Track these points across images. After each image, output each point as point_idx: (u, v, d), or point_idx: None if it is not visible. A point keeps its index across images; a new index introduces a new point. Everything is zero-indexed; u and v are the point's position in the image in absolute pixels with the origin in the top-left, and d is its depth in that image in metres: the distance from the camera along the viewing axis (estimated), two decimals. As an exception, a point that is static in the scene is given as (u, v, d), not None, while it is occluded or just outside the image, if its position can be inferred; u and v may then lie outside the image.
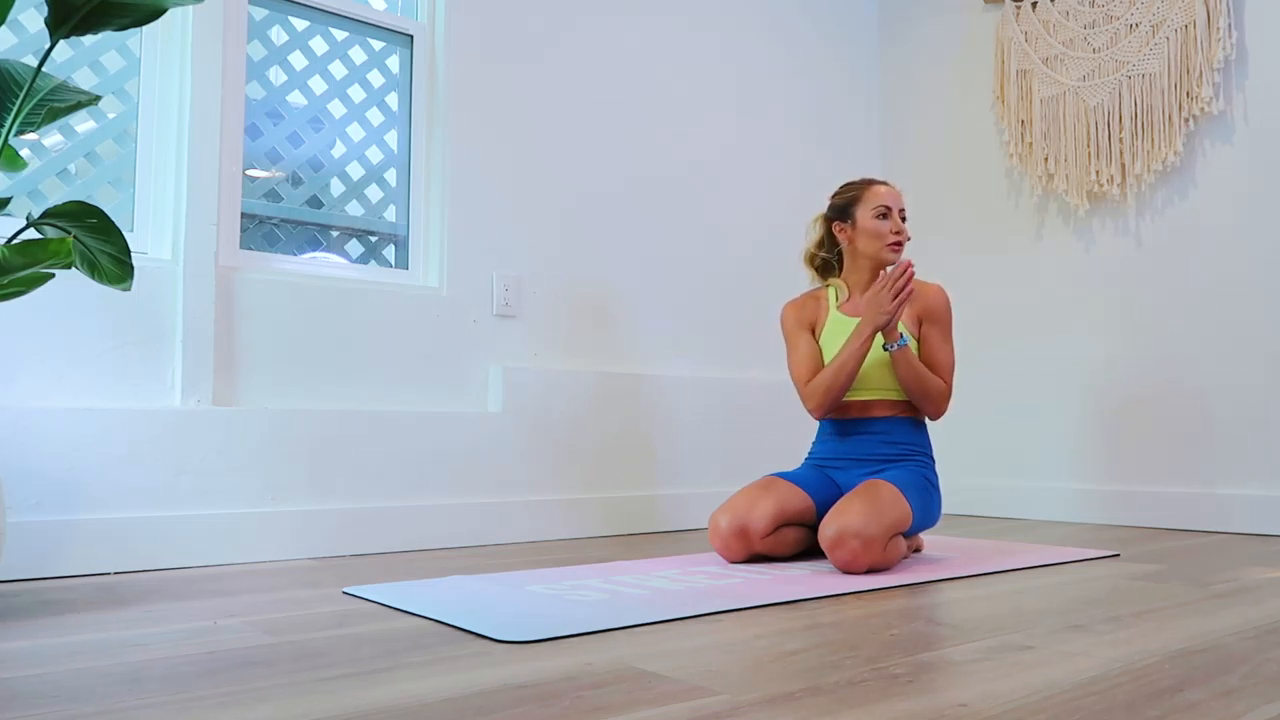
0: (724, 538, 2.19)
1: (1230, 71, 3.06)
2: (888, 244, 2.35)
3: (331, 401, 2.51)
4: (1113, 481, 3.24)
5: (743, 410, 3.29)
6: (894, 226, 2.36)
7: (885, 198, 2.37)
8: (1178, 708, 1.06)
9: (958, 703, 1.08)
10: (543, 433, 2.83)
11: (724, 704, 1.08)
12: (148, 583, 1.97)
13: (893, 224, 2.36)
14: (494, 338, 2.81)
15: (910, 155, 3.90)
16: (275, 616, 1.60)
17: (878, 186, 2.40)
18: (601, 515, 2.91)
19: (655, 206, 3.21)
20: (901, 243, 2.37)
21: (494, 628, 1.47)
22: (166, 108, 2.37)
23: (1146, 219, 3.23)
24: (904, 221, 2.39)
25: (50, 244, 1.47)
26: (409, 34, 2.80)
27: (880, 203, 2.36)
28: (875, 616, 1.59)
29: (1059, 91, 3.41)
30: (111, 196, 2.33)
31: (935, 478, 2.31)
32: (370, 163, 2.74)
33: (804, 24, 3.73)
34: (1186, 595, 1.81)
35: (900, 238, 2.37)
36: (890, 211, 2.36)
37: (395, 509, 2.51)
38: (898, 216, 2.37)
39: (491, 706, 1.07)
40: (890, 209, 2.36)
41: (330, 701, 1.09)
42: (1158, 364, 3.17)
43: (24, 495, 2.03)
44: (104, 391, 2.20)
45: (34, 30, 2.23)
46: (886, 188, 2.40)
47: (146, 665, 1.26)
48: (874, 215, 2.36)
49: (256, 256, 2.49)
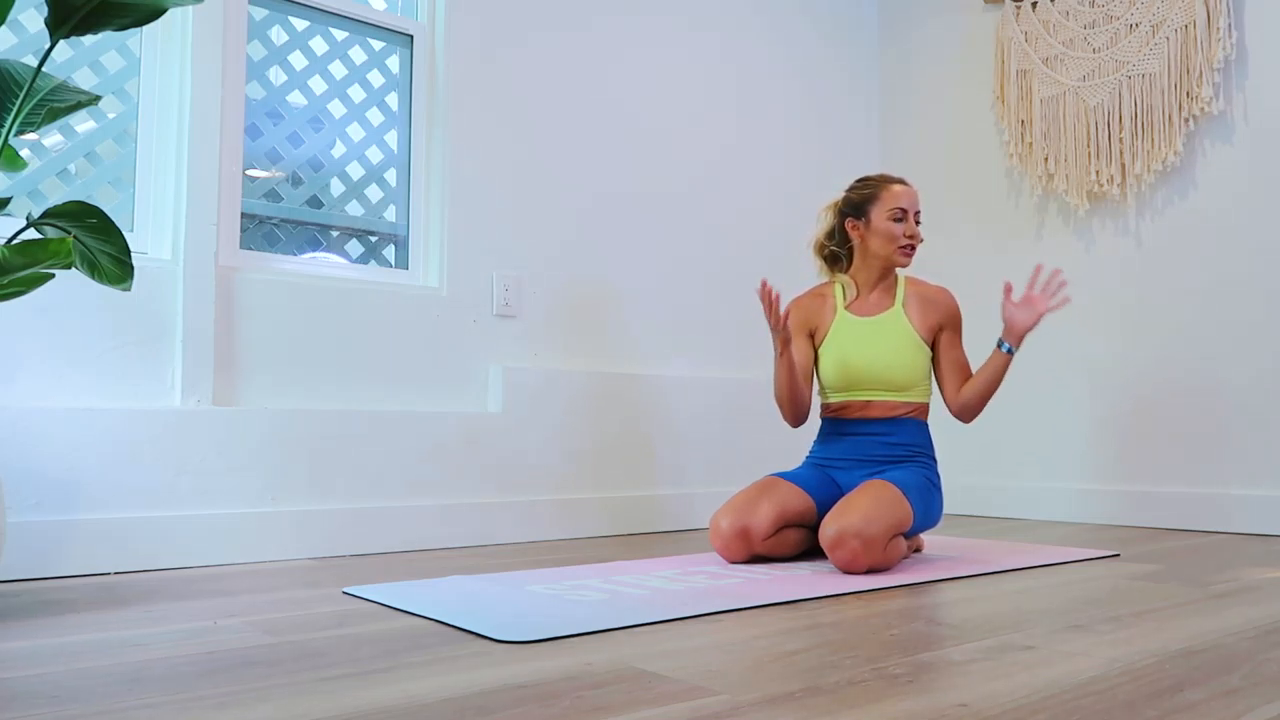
0: (725, 538, 2.19)
1: (1230, 71, 3.06)
2: (899, 247, 2.33)
3: (331, 401, 2.51)
4: (1113, 481, 3.24)
5: (743, 410, 3.29)
6: (908, 230, 2.33)
7: (902, 199, 2.33)
8: (1178, 708, 1.06)
9: (958, 703, 1.08)
10: (543, 433, 2.83)
11: (724, 704, 1.08)
12: (148, 583, 1.97)
13: (907, 227, 2.33)
14: (494, 338, 2.81)
15: (910, 155, 3.90)
16: (275, 616, 1.60)
17: (895, 186, 2.35)
18: (601, 515, 2.91)
19: (655, 206, 3.21)
20: (914, 246, 2.35)
21: (494, 628, 1.46)
22: (166, 108, 2.37)
23: (1146, 219, 3.23)
24: (919, 224, 2.36)
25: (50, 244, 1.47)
26: (409, 34, 2.80)
27: (897, 204, 2.33)
28: (875, 616, 1.59)
29: (1059, 91, 3.41)
30: (111, 196, 2.33)
31: (937, 478, 2.31)
32: (370, 163, 2.74)
33: (804, 24, 3.73)
34: (1186, 595, 1.81)
35: (913, 242, 2.34)
36: (906, 214, 2.33)
37: (395, 509, 2.51)
38: (913, 219, 2.34)
39: (491, 706, 1.07)
40: (906, 211, 2.33)
41: (330, 701, 1.09)
42: (1157, 364, 3.17)
43: (24, 495, 2.03)
44: (104, 391, 2.20)
45: (34, 30, 2.23)
46: (904, 188, 2.36)
47: (146, 665, 1.26)
48: (889, 217, 2.33)
49: (256, 256, 2.49)
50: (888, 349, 2.31)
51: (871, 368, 2.31)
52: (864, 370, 2.31)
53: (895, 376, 2.30)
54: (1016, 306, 2.25)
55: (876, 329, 2.34)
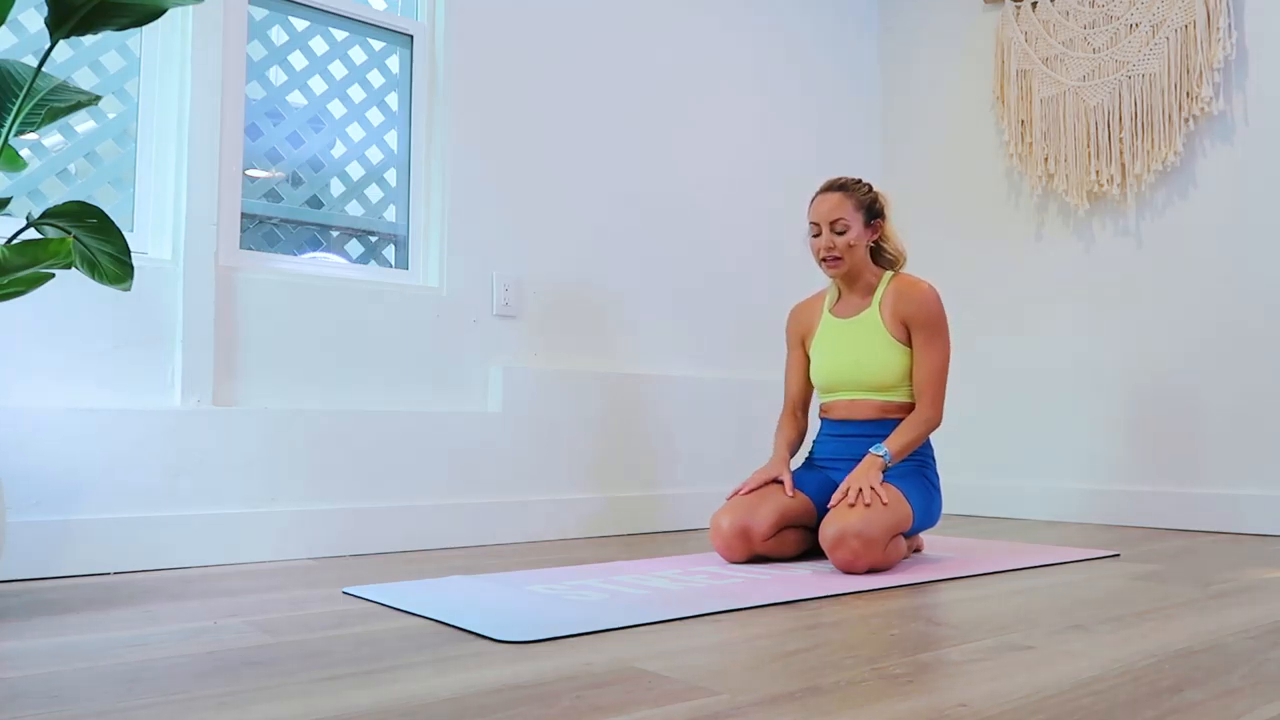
0: (725, 539, 2.19)
1: (1230, 71, 3.06)
2: (820, 260, 2.33)
3: (331, 401, 2.51)
4: (1113, 481, 3.24)
5: (742, 410, 3.29)
6: (825, 244, 2.29)
7: (815, 213, 2.31)
8: (1178, 708, 1.06)
9: (958, 703, 1.08)
10: (543, 433, 2.83)
11: (724, 704, 1.08)
12: (147, 583, 1.97)
13: (822, 241, 2.29)
14: (494, 338, 2.81)
15: (910, 155, 3.90)
16: (275, 616, 1.60)
17: (816, 199, 2.33)
18: (601, 515, 2.91)
19: (655, 206, 3.21)
20: (836, 259, 2.29)
21: (494, 628, 1.46)
22: (166, 108, 2.37)
23: (1146, 219, 3.23)
24: (842, 234, 2.27)
25: (50, 244, 1.47)
26: (409, 34, 2.80)
27: (810, 220, 2.32)
28: (875, 616, 1.59)
29: (1059, 91, 3.41)
30: (111, 196, 2.33)
31: (936, 478, 2.31)
32: (370, 163, 2.74)
33: (804, 24, 3.73)
34: (1186, 595, 1.81)
35: (828, 254, 2.29)
36: (820, 228, 2.30)
37: (395, 509, 2.51)
38: (829, 231, 2.28)
39: (491, 706, 1.07)
40: (820, 225, 2.30)
41: (330, 701, 1.09)
42: (1157, 364, 3.16)
43: (24, 495, 2.03)
44: (104, 392, 2.20)
45: (34, 30, 2.23)
46: (821, 198, 2.31)
47: (146, 665, 1.26)
48: (810, 234, 2.34)
49: (256, 256, 2.49)
50: (862, 349, 2.31)
51: (848, 369, 2.31)
52: (843, 371, 2.32)
53: (871, 377, 2.30)
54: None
55: (852, 330, 2.35)
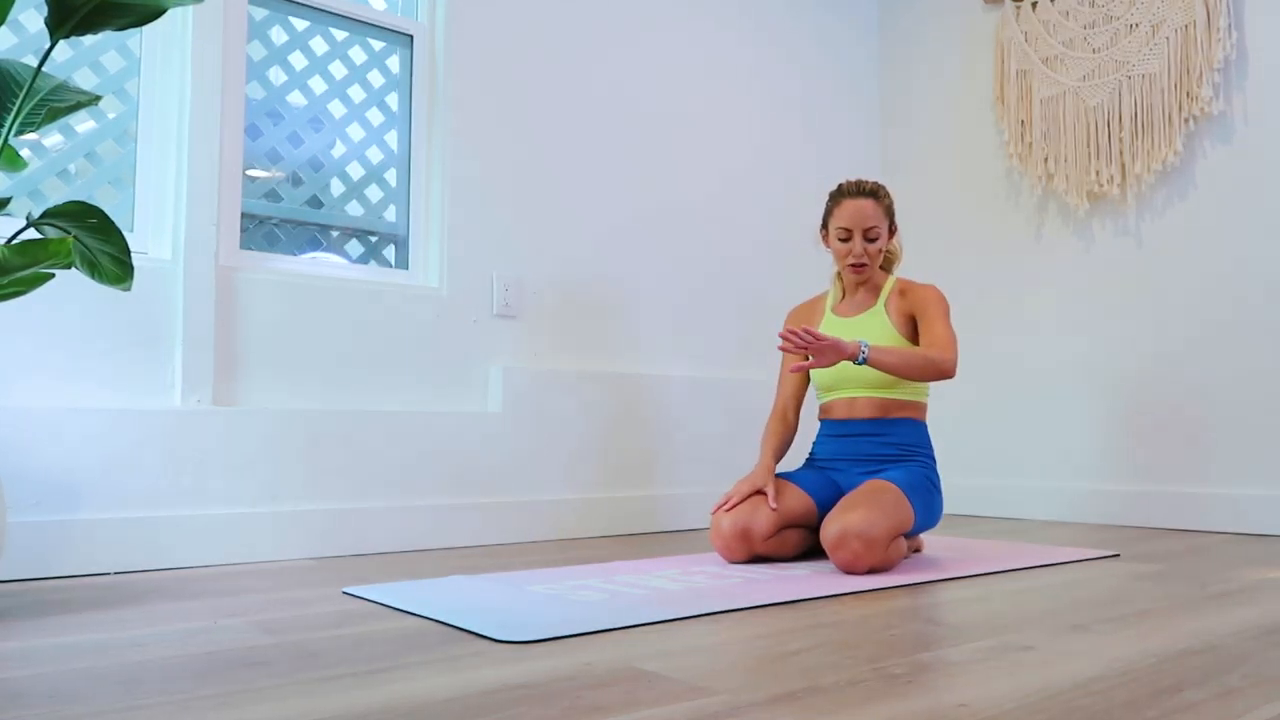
0: (726, 539, 2.19)
1: (1230, 71, 3.06)
2: (847, 265, 2.34)
3: (331, 401, 2.51)
4: (1113, 481, 3.24)
5: (743, 410, 3.29)
6: (854, 251, 2.30)
7: (848, 219, 2.30)
8: (1178, 708, 1.06)
9: (958, 703, 1.08)
10: (543, 433, 2.83)
11: (724, 704, 1.07)
12: (147, 583, 1.97)
13: (852, 247, 2.30)
14: (494, 338, 2.81)
15: (910, 155, 3.90)
16: (275, 616, 1.60)
17: (846, 203, 2.32)
18: (601, 515, 2.91)
19: (655, 206, 3.21)
20: (864, 265, 2.31)
21: (494, 628, 1.46)
22: (166, 108, 2.37)
23: (1146, 219, 3.23)
24: (873, 241, 2.30)
25: (50, 244, 1.47)
26: (409, 34, 2.79)
27: (841, 225, 2.31)
28: (875, 616, 1.59)
29: (1059, 91, 3.41)
30: (111, 196, 2.33)
31: (937, 478, 2.31)
32: (370, 163, 2.74)
33: (804, 24, 3.73)
34: (1186, 595, 1.81)
35: (859, 261, 2.31)
36: (851, 235, 2.30)
37: (395, 509, 2.51)
38: (860, 238, 2.29)
39: (491, 706, 1.07)
40: (851, 232, 2.30)
41: (330, 701, 1.09)
42: (1157, 364, 3.16)
43: (24, 495, 2.03)
44: (104, 392, 2.20)
45: (34, 30, 2.23)
46: (854, 204, 2.30)
47: (146, 665, 1.26)
48: (837, 236, 2.33)
49: (256, 256, 2.49)
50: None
51: (843, 366, 2.30)
52: (845, 367, 2.32)
53: (873, 371, 2.28)
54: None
55: (856, 327, 2.36)
